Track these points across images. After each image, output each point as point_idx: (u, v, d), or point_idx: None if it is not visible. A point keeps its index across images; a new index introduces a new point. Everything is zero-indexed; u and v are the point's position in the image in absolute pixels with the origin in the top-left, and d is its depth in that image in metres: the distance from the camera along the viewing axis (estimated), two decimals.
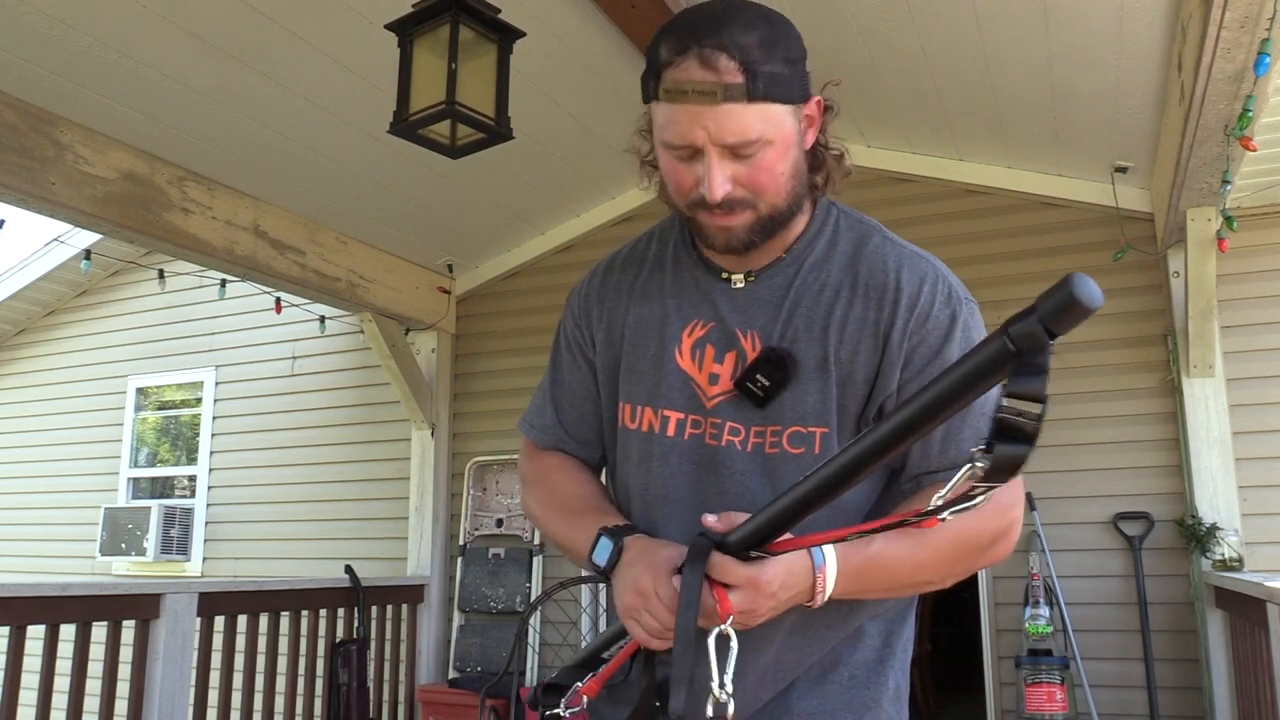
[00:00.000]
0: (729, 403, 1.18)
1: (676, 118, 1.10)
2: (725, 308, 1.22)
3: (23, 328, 7.24)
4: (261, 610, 3.95)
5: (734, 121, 1.07)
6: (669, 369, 1.22)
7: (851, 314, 1.17)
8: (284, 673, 4.06)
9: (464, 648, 4.97)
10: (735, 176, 1.11)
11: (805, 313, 1.18)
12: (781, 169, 1.13)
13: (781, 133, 1.11)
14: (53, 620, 3.07)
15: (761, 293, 1.21)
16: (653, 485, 1.23)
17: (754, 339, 1.18)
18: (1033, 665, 3.79)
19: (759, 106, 1.08)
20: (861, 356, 1.16)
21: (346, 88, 3.61)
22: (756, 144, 1.09)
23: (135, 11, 3.07)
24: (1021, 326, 0.73)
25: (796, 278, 1.20)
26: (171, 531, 6.03)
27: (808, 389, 1.16)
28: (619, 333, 1.29)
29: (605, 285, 1.33)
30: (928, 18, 3.29)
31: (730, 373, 1.18)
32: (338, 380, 5.84)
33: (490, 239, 5.19)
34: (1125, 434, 4.05)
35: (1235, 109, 2.69)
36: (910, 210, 4.53)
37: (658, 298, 1.26)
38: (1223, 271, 3.72)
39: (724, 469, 1.18)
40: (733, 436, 1.18)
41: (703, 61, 1.06)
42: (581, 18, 3.46)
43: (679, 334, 1.23)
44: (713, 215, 1.13)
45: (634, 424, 1.25)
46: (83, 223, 3.72)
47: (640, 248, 1.34)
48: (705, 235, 1.18)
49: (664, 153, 1.15)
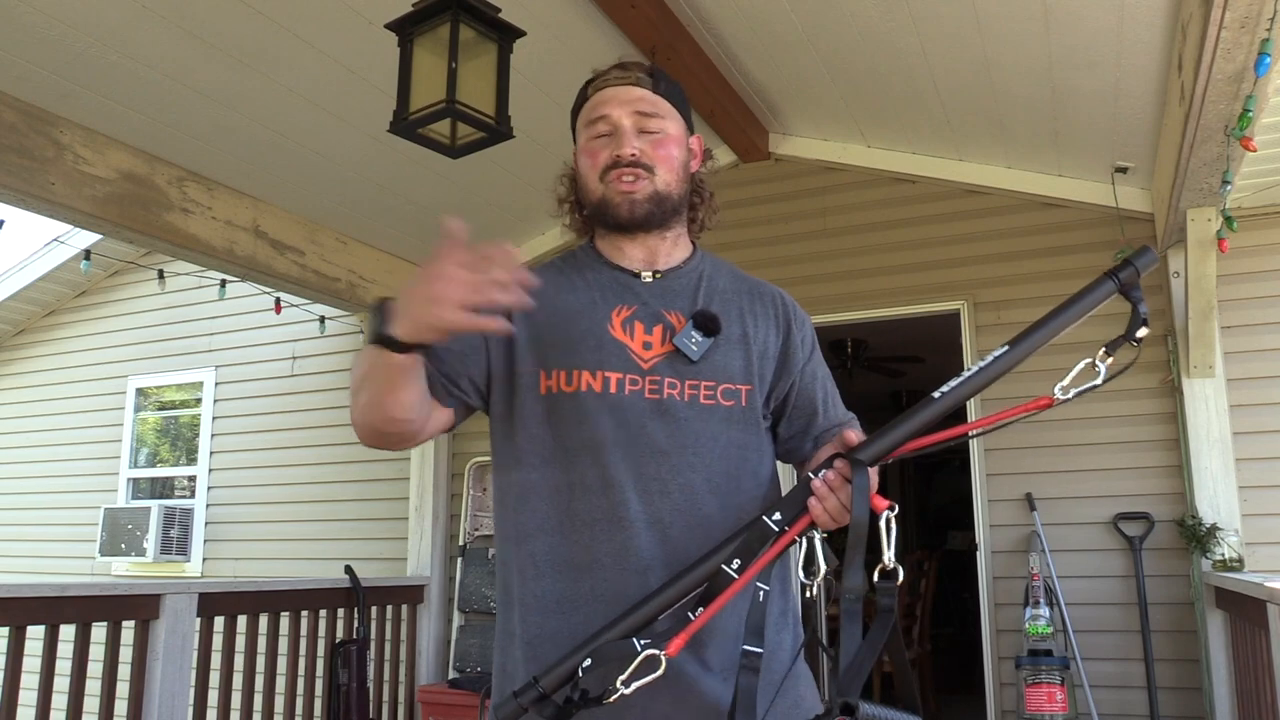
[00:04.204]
0: (664, 362, 1.39)
1: (599, 101, 1.46)
2: (645, 295, 1.45)
3: (23, 328, 7.24)
4: (261, 610, 3.95)
5: (644, 99, 1.45)
6: (605, 339, 1.40)
7: (756, 309, 1.49)
8: (284, 673, 4.06)
9: (464, 648, 4.97)
10: (640, 148, 1.42)
11: (720, 302, 1.47)
12: (676, 155, 1.45)
13: (676, 128, 1.47)
14: (52, 620, 3.06)
15: (673, 285, 1.47)
16: (599, 435, 1.36)
17: (677, 316, 1.43)
18: (1033, 666, 3.78)
19: (660, 100, 1.46)
20: (770, 339, 1.48)
21: (346, 88, 3.61)
22: (658, 120, 1.44)
23: (135, 12, 3.07)
24: (1127, 272, 1.13)
25: (700, 281, 1.49)
26: (171, 532, 6.02)
27: (733, 354, 1.43)
28: (538, 316, 1.37)
29: None
30: (928, 18, 3.29)
31: (660, 340, 1.41)
32: (338, 380, 5.84)
33: (490, 239, 5.18)
34: (1125, 434, 4.04)
35: (1235, 109, 2.69)
36: (910, 210, 4.53)
37: (581, 291, 1.46)
38: (1223, 272, 3.71)
39: (670, 415, 1.37)
40: (671, 390, 1.38)
41: (623, 67, 1.48)
42: (581, 18, 3.46)
43: (608, 314, 1.42)
44: (620, 181, 1.41)
45: (570, 386, 1.38)
46: (82, 223, 3.72)
47: (546, 266, 1.51)
48: (611, 206, 1.43)
49: (585, 139, 1.47)
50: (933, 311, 4.43)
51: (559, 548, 1.35)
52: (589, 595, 1.32)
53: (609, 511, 1.34)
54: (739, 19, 3.62)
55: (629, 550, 1.32)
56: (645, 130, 1.43)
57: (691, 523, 1.34)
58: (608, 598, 1.30)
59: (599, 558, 1.33)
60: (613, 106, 1.44)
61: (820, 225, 4.67)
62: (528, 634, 1.35)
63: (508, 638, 1.39)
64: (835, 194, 4.70)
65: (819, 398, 1.51)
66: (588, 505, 1.35)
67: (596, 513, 1.35)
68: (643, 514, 1.34)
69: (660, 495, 1.34)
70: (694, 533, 1.33)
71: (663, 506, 1.34)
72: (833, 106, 4.26)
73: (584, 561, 1.33)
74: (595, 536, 1.34)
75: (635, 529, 1.33)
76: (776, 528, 1.18)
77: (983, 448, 4.25)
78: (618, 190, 1.41)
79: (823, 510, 1.19)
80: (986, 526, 4.22)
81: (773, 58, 3.92)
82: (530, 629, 1.35)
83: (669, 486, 1.35)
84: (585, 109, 1.49)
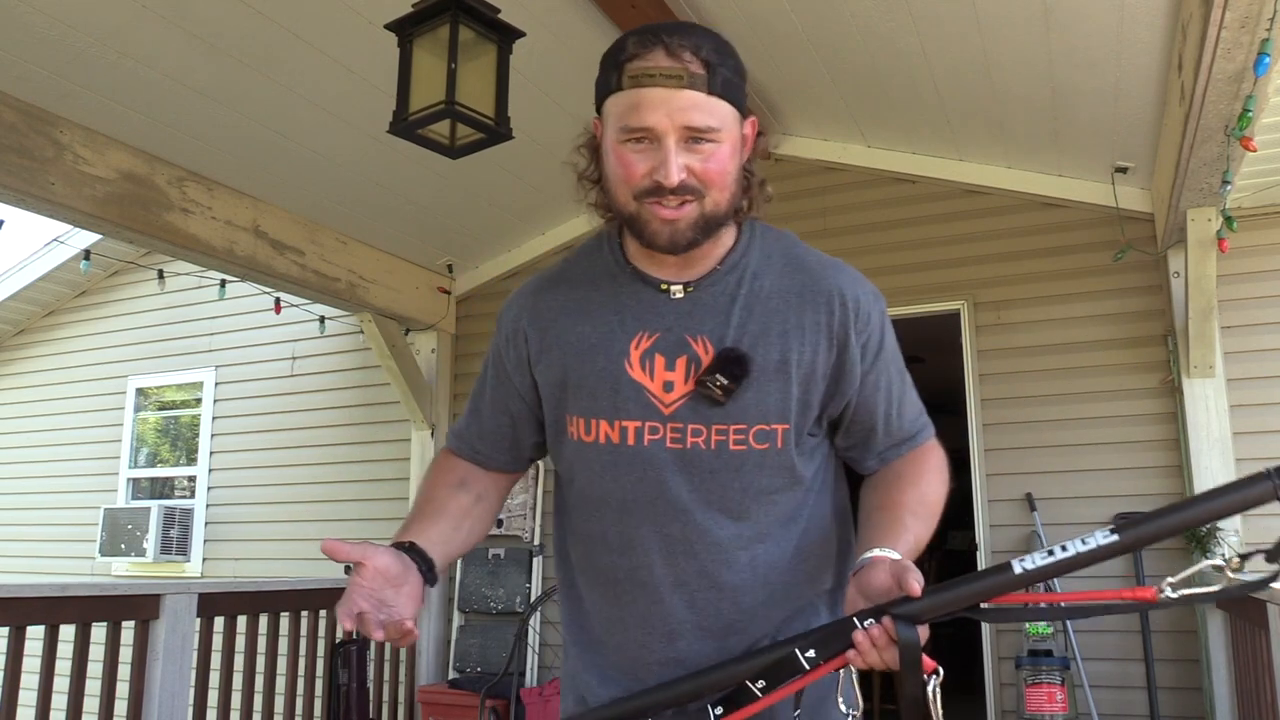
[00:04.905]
0: (687, 406, 1.22)
1: (639, 102, 1.15)
2: (670, 317, 1.25)
3: (23, 328, 7.23)
4: (261, 610, 3.94)
5: (696, 108, 1.14)
6: (622, 381, 1.24)
7: (805, 320, 1.24)
8: (284, 673, 4.05)
9: (464, 648, 4.97)
10: (689, 166, 1.16)
11: (760, 319, 1.24)
12: (730, 168, 1.19)
13: (731, 134, 1.18)
14: (52, 620, 3.06)
15: (705, 299, 1.25)
16: (626, 492, 1.25)
17: (705, 342, 1.22)
18: (1033, 666, 3.78)
19: (716, 101, 1.16)
20: (820, 357, 1.24)
21: (346, 88, 3.61)
22: (711, 134, 1.16)
23: (135, 11, 3.07)
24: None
25: (740, 287, 1.25)
26: (171, 532, 6.02)
27: (768, 389, 1.22)
28: (560, 351, 1.29)
29: (538, 306, 1.33)
30: (928, 18, 3.29)
31: (684, 377, 1.22)
32: (338, 380, 5.84)
33: (490, 239, 5.19)
34: (1125, 434, 4.04)
35: (1235, 109, 2.69)
36: (910, 210, 4.53)
37: (599, 313, 1.28)
38: (1223, 272, 3.71)
39: (694, 467, 1.22)
40: (695, 438, 1.22)
41: (669, 51, 1.14)
42: (581, 18, 3.46)
43: (626, 347, 1.25)
44: (662, 206, 1.17)
45: (590, 437, 1.26)
46: (82, 223, 3.72)
47: (569, 268, 1.36)
48: (647, 231, 1.19)
49: (619, 143, 1.18)
50: (933, 311, 4.43)
51: (594, 591, 1.32)
52: (619, 646, 1.29)
53: (630, 573, 1.27)
54: (739, 19, 3.62)
55: (652, 614, 1.25)
56: (696, 146, 1.16)
57: (719, 584, 1.24)
58: (632, 655, 1.28)
59: (624, 617, 1.28)
60: (658, 116, 1.14)
61: (820, 225, 4.67)
62: (569, 657, 1.37)
63: (566, 634, 1.39)
64: (835, 194, 4.70)
65: (880, 411, 1.30)
66: (611, 563, 1.28)
67: (619, 572, 1.28)
68: (667, 576, 1.24)
69: (685, 557, 1.24)
70: (722, 595, 1.24)
71: (688, 569, 1.24)
72: (833, 106, 4.25)
73: (614, 616, 1.29)
74: (620, 596, 1.28)
75: (659, 592, 1.25)
76: (808, 665, 1.08)
77: (983, 448, 4.25)
78: (656, 216, 1.18)
79: (863, 663, 1.09)
80: (986, 526, 4.22)
81: (773, 57, 3.91)
82: (572, 649, 1.36)
83: (694, 547, 1.23)
84: (621, 102, 1.17)
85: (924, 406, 1.37)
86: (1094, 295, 4.18)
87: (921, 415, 1.35)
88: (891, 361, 1.31)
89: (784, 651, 1.08)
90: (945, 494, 1.30)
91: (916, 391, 1.36)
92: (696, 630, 1.22)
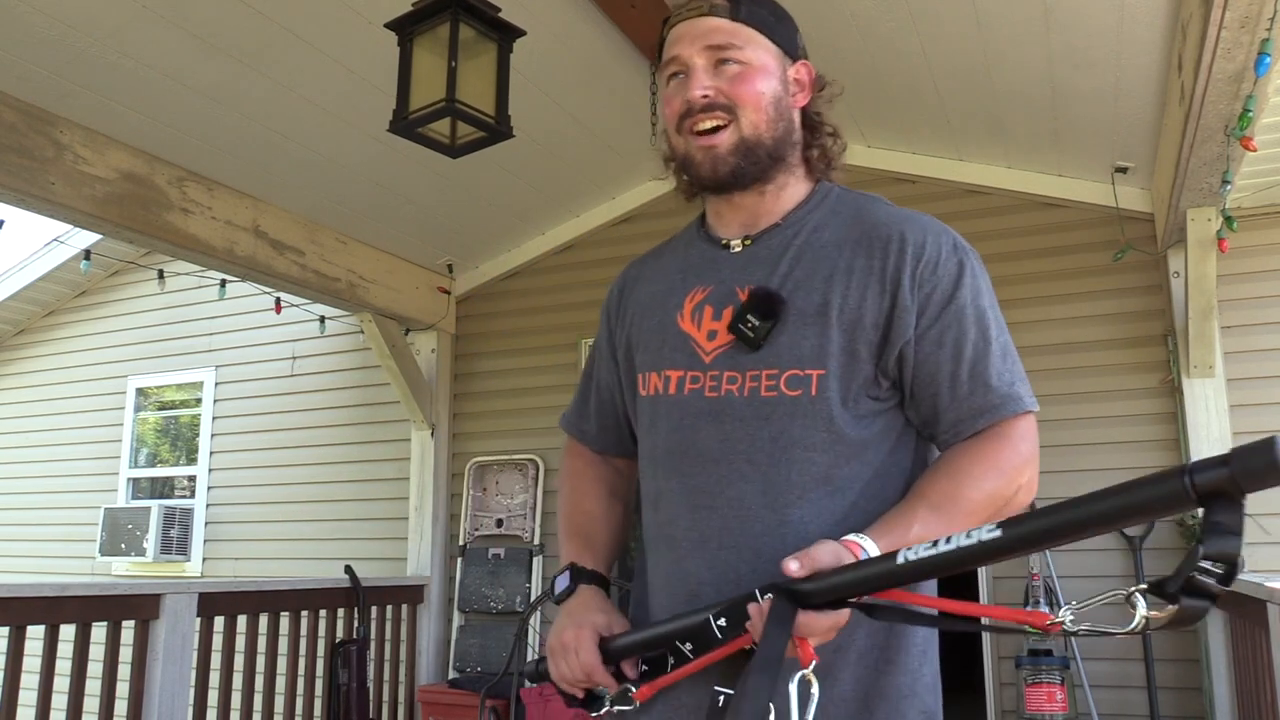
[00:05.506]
0: (726, 353, 1.21)
1: (671, 40, 1.26)
2: (725, 270, 1.27)
3: (23, 328, 7.23)
4: (261, 610, 3.95)
5: (717, 30, 1.23)
6: (670, 332, 1.27)
7: (856, 263, 1.20)
8: (284, 673, 4.06)
9: (464, 648, 4.97)
10: (717, 86, 1.22)
11: (807, 265, 1.22)
12: (762, 88, 1.22)
13: (761, 59, 1.24)
14: (52, 620, 3.07)
15: (760, 253, 1.26)
16: (659, 443, 1.26)
17: (750, 292, 1.22)
18: (1033, 665, 3.78)
19: (740, 26, 1.23)
20: (869, 302, 1.18)
21: (346, 88, 3.61)
22: (734, 53, 1.22)
23: (135, 11, 3.07)
24: (1210, 475, 0.72)
25: (796, 238, 1.25)
26: (171, 532, 6.02)
27: (805, 332, 1.18)
28: (632, 312, 1.37)
29: (627, 277, 1.44)
30: (928, 18, 3.29)
31: (726, 326, 1.22)
32: (338, 380, 5.84)
33: (490, 239, 5.19)
34: (1125, 434, 4.04)
35: (1235, 109, 2.69)
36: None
37: (667, 274, 1.34)
38: (1223, 271, 3.71)
39: (725, 416, 1.20)
40: (730, 385, 1.20)
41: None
42: (581, 18, 3.46)
43: (681, 301, 1.28)
44: (698, 135, 1.22)
45: (645, 390, 1.30)
46: (82, 223, 3.72)
47: (663, 243, 1.43)
48: (693, 165, 1.25)
49: (664, 86, 1.27)
50: None
51: (645, 557, 1.32)
52: (657, 610, 1.26)
53: (659, 529, 1.25)
54: None
55: (674, 576, 1.22)
56: (722, 64, 1.21)
57: (740, 541, 1.16)
58: None
59: (655, 580, 1.26)
60: (683, 45, 1.23)
61: None
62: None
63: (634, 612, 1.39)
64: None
65: (945, 371, 1.17)
66: (650, 521, 1.27)
67: (652, 529, 1.26)
68: (691, 533, 1.20)
69: (707, 510, 1.19)
70: (743, 553, 1.16)
71: (710, 525, 1.18)
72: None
73: (652, 580, 1.28)
74: (654, 555, 1.26)
75: (682, 550, 1.21)
76: (720, 635, 1.04)
77: None
78: (697, 146, 1.22)
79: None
80: None
81: None
82: None
83: (716, 500, 1.18)
84: (664, 54, 1.28)
85: (1024, 376, 1.21)
86: (1094, 295, 4.18)
87: (1011, 386, 1.18)
88: (970, 319, 1.18)
89: (699, 618, 1.08)
90: (1005, 492, 1.17)
91: (1018, 362, 1.21)
92: (715, 595, 1.14)
